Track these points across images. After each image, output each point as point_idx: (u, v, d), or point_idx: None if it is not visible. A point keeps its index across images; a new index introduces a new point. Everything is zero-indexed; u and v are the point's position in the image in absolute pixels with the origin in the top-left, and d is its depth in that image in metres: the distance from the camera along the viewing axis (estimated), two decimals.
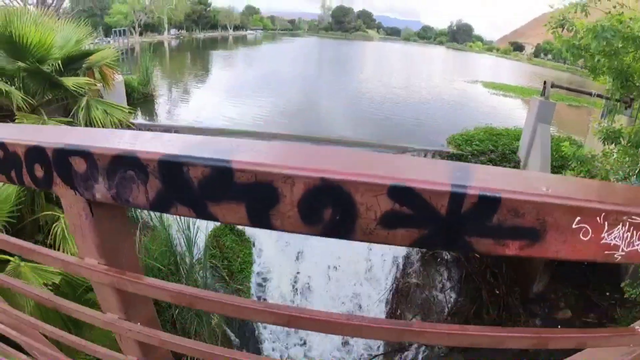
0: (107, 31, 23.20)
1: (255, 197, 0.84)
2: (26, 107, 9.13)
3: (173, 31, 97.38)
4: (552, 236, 0.76)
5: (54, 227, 7.69)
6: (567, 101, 24.65)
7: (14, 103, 8.88)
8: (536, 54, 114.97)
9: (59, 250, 7.12)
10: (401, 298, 10.78)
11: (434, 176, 0.78)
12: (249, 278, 11.05)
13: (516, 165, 11.31)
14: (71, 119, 10.09)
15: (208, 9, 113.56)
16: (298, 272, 11.32)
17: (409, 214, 0.77)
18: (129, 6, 77.65)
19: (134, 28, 78.79)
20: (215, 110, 18.28)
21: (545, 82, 11.39)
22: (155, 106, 19.14)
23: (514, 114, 19.12)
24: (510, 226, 0.75)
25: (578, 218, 0.75)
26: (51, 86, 9.95)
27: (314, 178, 0.79)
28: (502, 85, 31.59)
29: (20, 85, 9.88)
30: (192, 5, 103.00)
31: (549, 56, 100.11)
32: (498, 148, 11.64)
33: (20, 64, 9.09)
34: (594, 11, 7.66)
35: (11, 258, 6.82)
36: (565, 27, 7.68)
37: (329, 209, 0.81)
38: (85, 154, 0.97)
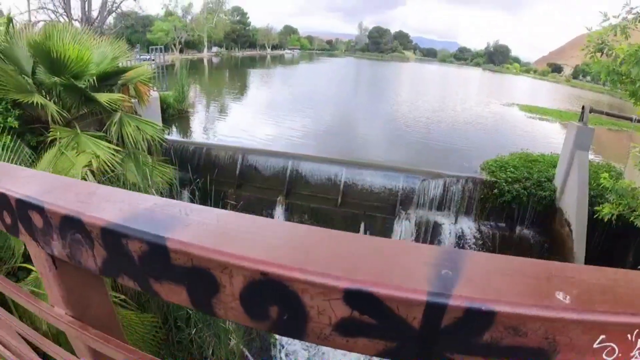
0: (150, 48, 23.76)
1: (196, 282, 0.74)
2: (61, 120, 9.29)
3: (214, 49, 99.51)
4: (565, 357, 0.56)
5: None
6: (607, 125, 23.90)
7: (49, 116, 9.06)
8: (575, 76, 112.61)
9: None
10: None
11: (406, 278, 0.62)
12: None
13: (552, 194, 10.92)
14: (104, 134, 10.21)
15: (247, 28, 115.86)
16: None
17: (372, 323, 0.62)
18: (171, 24, 79.63)
19: (174, 45, 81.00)
20: (250, 128, 18.33)
21: (583, 107, 11.00)
22: (190, 123, 19.31)
23: (551, 138, 18.63)
24: (506, 345, 0.58)
25: (602, 337, 0.55)
26: (86, 101, 10.13)
27: (254, 271, 0.67)
28: (539, 109, 30.86)
29: (57, 99, 10.10)
30: (232, 25, 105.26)
31: (588, 78, 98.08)
32: (533, 175, 11.25)
33: (56, 79, 9.27)
34: (634, 32, 7.35)
35: None
36: (604, 52, 7.39)
37: (274, 306, 0.69)
38: (40, 209, 0.93)
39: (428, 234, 11.23)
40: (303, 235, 0.79)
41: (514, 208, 11.04)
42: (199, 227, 0.79)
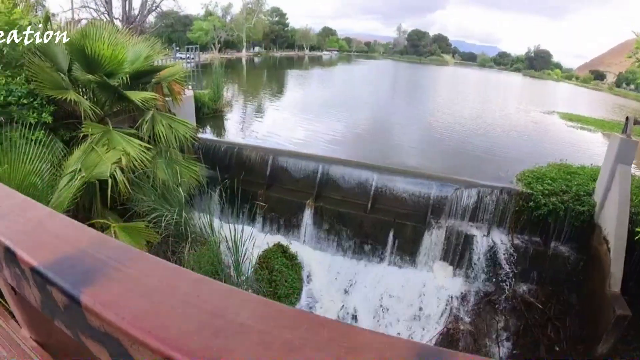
0: (187, 47, 24.12)
1: (113, 347, 0.66)
2: (94, 116, 9.38)
3: (256, 48, 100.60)
4: None
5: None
6: None
7: (83, 112, 9.15)
8: (618, 84, 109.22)
9: None
10: (450, 343, 10.15)
11: None
12: (295, 305, 10.73)
13: (591, 209, 10.48)
14: (136, 131, 10.28)
15: (286, 28, 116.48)
16: (345, 305, 10.93)
17: None
18: (210, 23, 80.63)
19: (214, 44, 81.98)
20: (285, 129, 18.29)
21: (627, 118, 10.51)
22: (224, 122, 19.36)
23: (591, 149, 18.05)
24: None
25: None
26: (119, 99, 10.24)
27: (162, 355, 0.57)
28: (580, 117, 29.94)
29: (91, 95, 10.22)
30: (271, 25, 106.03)
31: (632, 86, 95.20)
32: (572, 189, 10.79)
33: (91, 76, 9.35)
34: None
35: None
36: None
37: None
38: None
39: (459, 245, 10.94)
40: (248, 315, 0.64)
41: (550, 222, 10.64)
42: (124, 284, 0.72)
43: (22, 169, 6.88)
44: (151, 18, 49.51)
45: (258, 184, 12.74)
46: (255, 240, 9.34)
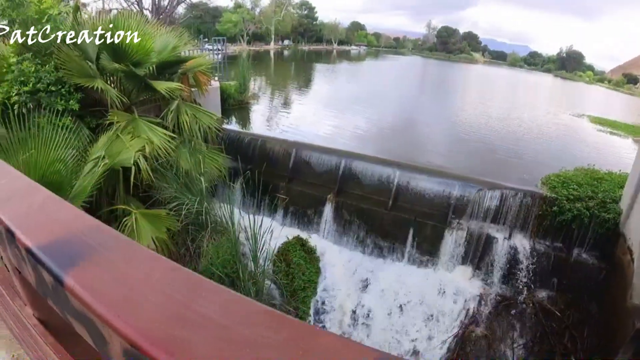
0: (214, 38, 24.35)
1: (90, 327, 0.69)
2: (120, 105, 9.52)
3: (286, 42, 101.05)
4: None
5: (126, 221, 8.10)
6: None
7: (109, 100, 9.30)
8: None
9: None
10: (464, 346, 10.06)
11: None
12: (310, 299, 10.76)
13: (616, 217, 10.24)
14: (161, 120, 10.40)
15: (314, 22, 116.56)
16: (360, 302, 10.90)
17: None
18: (239, 15, 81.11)
19: (242, 37, 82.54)
20: (309, 123, 18.37)
21: None
22: (250, 114, 19.45)
23: (621, 155, 17.68)
24: None
25: None
26: (145, 88, 10.37)
27: (126, 339, 0.59)
28: (610, 122, 29.23)
29: (118, 84, 10.37)
30: (299, 18, 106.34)
31: None
32: (598, 195, 10.51)
33: (118, 65, 9.49)
34: None
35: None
36: None
37: None
38: None
39: (479, 247, 10.82)
40: (216, 308, 0.65)
41: (574, 228, 10.44)
42: (105, 269, 0.75)
43: (48, 154, 7.03)
44: (180, 9, 50.12)
45: (280, 177, 12.80)
46: (275, 232, 9.39)
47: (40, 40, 8.89)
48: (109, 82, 10.18)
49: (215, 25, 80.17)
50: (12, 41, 9.10)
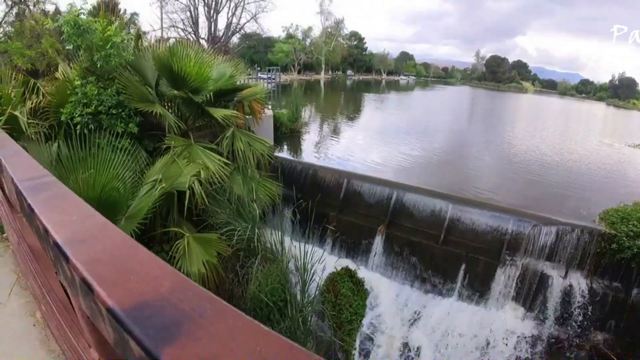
0: (268, 68, 24.95)
1: None
2: (177, 130, 9.77)
3: (338, 72, 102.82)
4: None
5: (178, 244, 8.20)
6: None
7: (167, 125, 9.57)
8: None
9: (175, 265, 7.83)
10: None
11: None
12: (356, 331, 10.59)
13: None
14: (216, 146, 10.59)
15: (364, 52, 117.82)
16: (408, 337, 10.64)
17: None
18: (291, 46, 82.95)
19: (293, 66, 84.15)
20: (359, 152, 18.36)
21: None
22: (301, 142, 19.62)
23: None
24: None
25: None
26: (202, 114, 10.62)
27: None
28: None
29: (176, 110, 10.67)
30: (349, 49, 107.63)
31: None
32: None
33: (176, 92, 9.77)
34: None
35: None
36: None
37: None
38: (66, 260, 0.90)
39: (533, 285, 10.44)
40: None
41: (633, 267, 9.97)
42: (209, 346, 0.64)
43: (106, 173, 7.22)
44: (235, 39, 51.48)
45: (331, 206, 12.76)
46: (324, 262, 9.32)
47: (103, 65, 9.24)
48: (167, 108, 10.49)
49: (268, 54, 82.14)
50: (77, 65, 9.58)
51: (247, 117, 12.37)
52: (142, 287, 0.80)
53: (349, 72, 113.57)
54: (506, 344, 10.14)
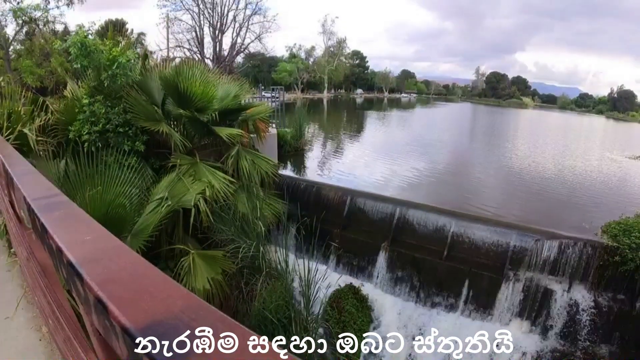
0: (272, 87, 25.20)
1: None
2: (183, 148, 9.91)
3: (340, 90, 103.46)
4: None
5: (183, 261, 8.27)
6: None
7: (173, 143, 9.71)
8: None
9: (180, 282, 7.70)
10: None
11: None
12: (359, 347, 10.56)
13: None
14: (221, 165, 10.71)
15: (366, 71, 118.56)
16: (412, 354, 10.61)
17: None
18: (294, 65, 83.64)
19: (297, 85, 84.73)
20: (361, 170, 18.48)
21: None
22: (305, 160, 19.73)
23: None
24: None
25: None
26: (207, 133, 10.76)
27: None
28: None
29: (181, 128, 10.82)
30: (351, 68, 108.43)
31: None
32: None
33: (182, 111, 9.93)
34: None
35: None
36: None
37: None
38: (81, 279, 0.94)
39: (537, 299, 10.46)
40: None
41: (637, 279, 9.98)
42: None
43: (113, 190, 7.34)
44: (239, 58, 51.98)
45: (335, 224, 12.79)
46: (327, 278, 9.37)
47: (110, 84, 9.42)
48: (173, 126, 10.63)
49: (272, 73, 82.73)
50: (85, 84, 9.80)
51: (251, 135, 12.50)
52: (155, 306, 0.82)
53: (359, 91, 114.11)
54: (511, 357, 10.12)
